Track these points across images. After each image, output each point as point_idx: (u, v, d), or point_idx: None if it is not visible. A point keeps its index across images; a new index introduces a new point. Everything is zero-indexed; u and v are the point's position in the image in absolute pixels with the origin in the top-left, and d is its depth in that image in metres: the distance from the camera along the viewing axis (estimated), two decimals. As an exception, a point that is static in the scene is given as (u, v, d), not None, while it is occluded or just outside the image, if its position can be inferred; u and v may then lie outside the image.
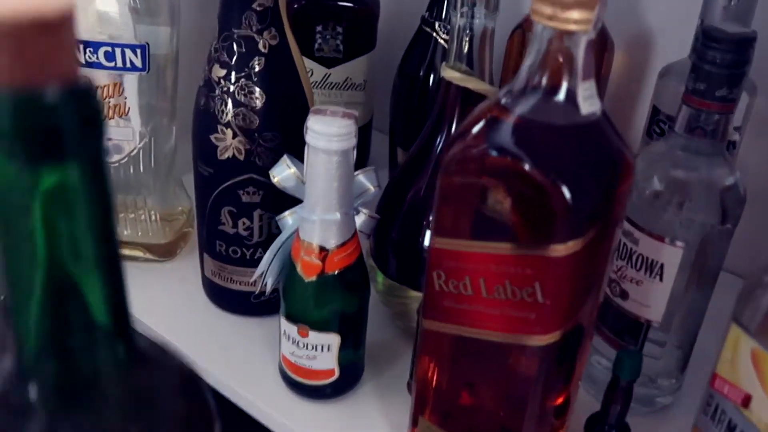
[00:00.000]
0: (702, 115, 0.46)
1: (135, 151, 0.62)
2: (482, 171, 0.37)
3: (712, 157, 0.48)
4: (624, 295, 0.52)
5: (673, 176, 0.49)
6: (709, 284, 0.52)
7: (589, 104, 0.36)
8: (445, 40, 0.67)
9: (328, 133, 0.44)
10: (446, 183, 0.39)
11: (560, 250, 0.36)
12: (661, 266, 0.49)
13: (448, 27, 0.63)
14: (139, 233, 0.65)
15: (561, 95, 0.35)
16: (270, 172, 0.50)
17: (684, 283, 0.50)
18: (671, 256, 0.49)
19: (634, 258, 0.50)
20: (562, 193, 0.35)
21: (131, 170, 0.62)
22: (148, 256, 0.66)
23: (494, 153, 0.36)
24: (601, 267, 0.40)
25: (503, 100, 0.37)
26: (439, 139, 0.54)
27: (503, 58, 0.65)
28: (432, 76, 0.69)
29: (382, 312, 0.59)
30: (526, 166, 0.35)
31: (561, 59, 0.35)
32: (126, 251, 0.66)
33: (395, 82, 0.73)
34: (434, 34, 0.68)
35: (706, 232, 0.48)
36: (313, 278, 0.48)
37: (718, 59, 0.44)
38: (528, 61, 0.36)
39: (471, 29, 0.50)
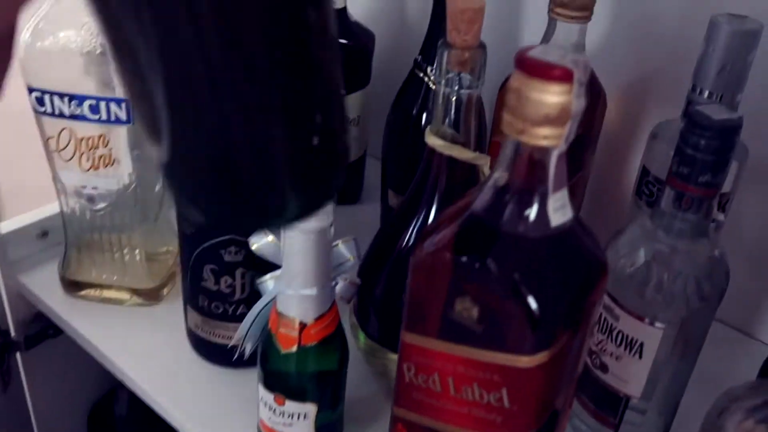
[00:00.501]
0: (685, 197, 0.46)
1: (122, 199, 0.61)
2: (449, 278, 0.37)
3: (696, 237, 0.47)
4: (604, 368, 0.51)
5: (655, 255, 0.48)
6: (692, 355, 0.52)
7: (560, 215, 0.35)
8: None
9: (304, 212, 0.44)
10: (415, 282, 0.39)
11: (527, 361, 0.35)
12: (641, 345, 0.49)
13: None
14: (126, 278, 0.65)
15: (531, 206, 0.35)
16: (249, 239, 0.50)
17: (666, 357, 0.50)
18: (651, 335, 0.48)
19: (614, 333, 0.50)
20: (529, 307, 0.34)
21: (117, 216, 0.62)
22: (135, 299, 0.66)
23: (463, 261, 0.36)
24: (574, 366, 0.40)
25: (475, 204, 0.36)
26: (424, 201, 0.54)
27: (494, 108, 0.64)
28: (424, 117, 0.69)
29: (364, 368, 0.59)
30: (493, 279, 0.35)
31: (531, 171, 0.34)
32: (112, 294, 0.66)
33: (388, 120, 0.72)
34: (426, 79, 0.67)
35: (687, 312, 0.48)
36: (290, 350, 0.48)
37: (702, 146, 0.43)
38: (499, 169, 0.35)
39: (456, 97, 0.50)
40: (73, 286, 0.66)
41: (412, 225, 0.54)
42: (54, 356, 0.74)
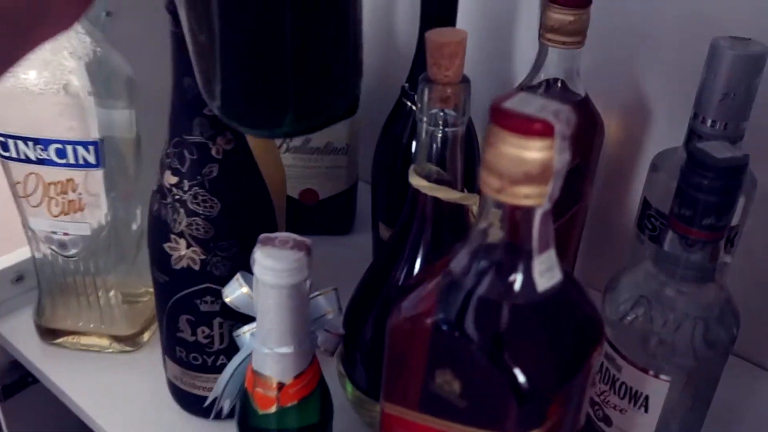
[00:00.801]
0: (689, 240, 0.42)
1: (95, 243, 0.58)
2: (429, 346, 0.33)
3: (702, 281, 0.44)
4: (607, 421, 0.48)
5: (658, 301, 0.44)
6: (703, 407, 0.48)
7: (546, 279, 0.32)
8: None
9: (276, 268, 0.41)
10: (393, 348, 0.35)
11: (515, 440, 0.32)
12: (646, 398, 0.45)
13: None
14: (104, 324, 0.62)
15: (515, 270, 0.31)
16: (222, 291, 0.47)
17: (674, 410, 0.46)
18: (656, 388, 0.45)
19: (617, 385, 0.46)
20: (515, 380, 0.31)
21: (91, 260, 0.59)
22: (115, 346, 0.63)
23: (443, 329, 0.33)
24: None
25: (455, 265, 0.33)
26: (411, 244, 0.50)
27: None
28: (414, 147, 0.65)
29: (353, 417, 0.56)
30: (475, 349, 0.32)
31: (513, 232, 0.31)
32: (91, 341, 0.63)
33: (377, 149, 0.69)
34: (414, 108, 0.64)
35: (695, 362, 0.44)
36: (268, 411, 0.45)
37: (705, 186, 0.40)
38: (479, 228, 0.32)
39: (441, 135, 0.46)
40: (49, 334, 0.63)
41: (399, 267, 0.51)
42: (34, 404, 0.71)
